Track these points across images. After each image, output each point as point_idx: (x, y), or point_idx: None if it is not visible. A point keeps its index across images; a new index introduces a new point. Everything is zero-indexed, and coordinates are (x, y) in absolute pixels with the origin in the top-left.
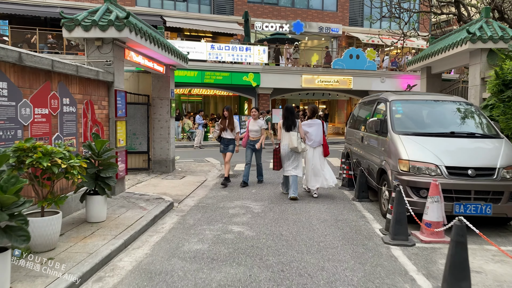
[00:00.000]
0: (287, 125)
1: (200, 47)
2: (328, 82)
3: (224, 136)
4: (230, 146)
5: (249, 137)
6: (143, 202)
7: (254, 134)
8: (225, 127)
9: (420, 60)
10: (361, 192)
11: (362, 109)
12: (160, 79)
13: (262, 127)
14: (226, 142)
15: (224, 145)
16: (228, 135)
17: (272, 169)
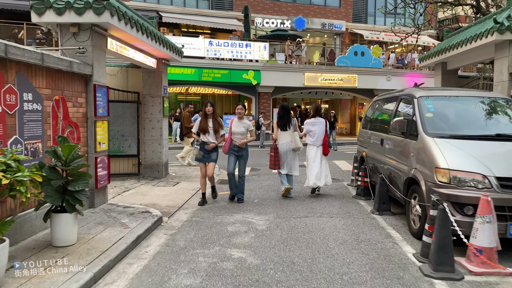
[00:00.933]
0: (282, 124)
1: (197, 43)
2: (331, 80)
3: (206, 140)
4: (213, 154)
5: (232, 141)
6: (126, 217)
7: (238, 137)
8: (206, 128)
9: (434, 55)
10: (382, 203)
11: (380, 108)
12: (152, 74)
13: (249, 128)
14: (206, 149)
15: (205, 152)
16: (211, 138)
17: (269, 167)
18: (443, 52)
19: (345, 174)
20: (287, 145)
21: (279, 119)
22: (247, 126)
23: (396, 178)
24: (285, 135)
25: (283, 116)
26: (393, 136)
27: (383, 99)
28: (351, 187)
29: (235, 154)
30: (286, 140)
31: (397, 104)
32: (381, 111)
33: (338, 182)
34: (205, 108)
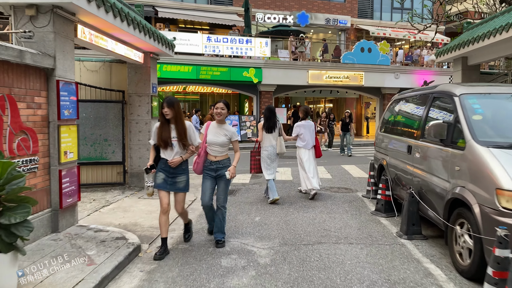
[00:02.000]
0: (268, 127)
1: (195, 39)
2: (337, 78)
3: (166, 157)
4: (180, 177)
5: (208, 155)
6: (94, 246)
7: (216, 150)
8: (167, 139)
9: (454, 49)
10: (411, 225)
11: (404, 108)
12: (138, 70)
13: (232, 138)
14: (169, 169)
15: (168, 174)
16: (175, 153)
17: (250, 172)
18: (464, 46)
19: (358, 182)
20: (271, 148)
21: (265, 121)
22: (230, 134)
23: (430, 195)
24: (270, 138)
25: (269, 117)
26: (427, 143)
27: (407, 98)
28: (367, 199)
29: (211, 175)
30: (271, 143)
31: (428, 104)
32: (405, 112)
33: (351, 193)
34: (161, 110)
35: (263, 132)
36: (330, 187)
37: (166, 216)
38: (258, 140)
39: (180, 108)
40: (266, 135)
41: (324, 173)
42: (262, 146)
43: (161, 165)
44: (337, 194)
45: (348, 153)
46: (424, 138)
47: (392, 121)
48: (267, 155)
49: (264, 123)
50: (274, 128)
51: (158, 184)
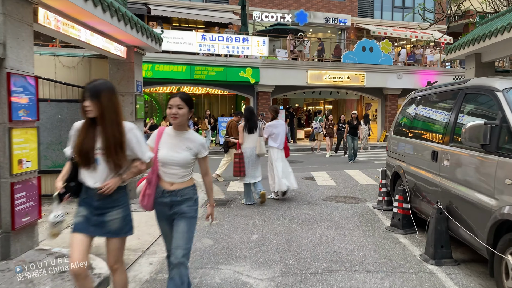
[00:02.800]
0: (250, 127)
1: (189, 38)
2: (337, 78)
3: (88, 181)
4: (112, 213)
5: (160, 180)
6: (50, 280)
7: (174, 174)
8: (88, 152)
9: (466, 45)
10: (439, 248)
11: (424, 108)
12: (121, 66)
13: (200, 154)
14: (93, 200)
15: (90, 210)
16: (102, 175)
17: (233, 175)
18: (478, 41)
19: (365, 190)
20: (251, 150)
21: (246, 122)
22: (196, 147)
23: (464, 212)
24: (251, 139)
25: (250, 118)
26: (461, 149)
27: (428, 96)
28: (379, 210)
29: (164, 214)
30: (252, 145)
31: (458, 102)
32: (427, 112)
33: (359, 204)
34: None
35: (244, 134)
36: (335, 196)
37: (85, 282)
38: (239, 142)
39: (116, 99)
40: (247, 136)
41: (328, 180)
42: (242, 147)
43: (82, 194)
44: (344, 205)
45: (350, 160)
46: (455, 142)
47: (408, 122)
48: (248, 157)
49: (245, 124)
50: (255, 129)
51: (76, 224)
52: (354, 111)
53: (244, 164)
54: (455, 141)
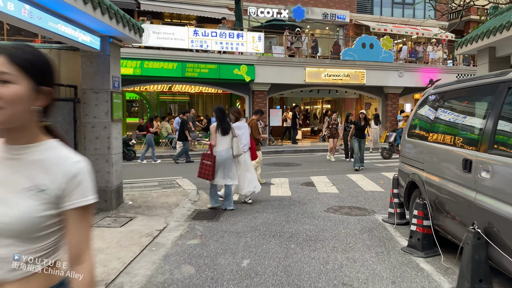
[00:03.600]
0: (224, 128)
1: (180, 33)
2: (336, 76)
3: None
4: None
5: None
6: None
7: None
8: None
9: (479, 39)
10: (477, 282)
11: (450, 106)
12: (95, 60)
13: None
14: None
15: None
16: None
17: (198, 176)
18: (494, 33)
19: (371, 198)
20: (227, 152)
21: (219, 123)
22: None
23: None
24: (226, 141)
25: (223, 119)
26: (509, 158)
27: (455, 91)
28: (391, 225)
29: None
30: (226, 146)
31: (499, 98)
32: (453, 111)
33: (367, 216)
34: None
35: (217, 135)
36: (339, 207)
37: None
38: (211, 143)
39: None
40: (221, 138)
41: (329, 186)
42: (216, 150)
43: None
44: (350, 218)
45: (355, 166)
46: (498, 150)
47: (428, 123)
48: (223, 160)
49: (218, 124)
50: (229, 130)
51: None
52: (362, 110)
53: (215, 168)
54: (498, 148)
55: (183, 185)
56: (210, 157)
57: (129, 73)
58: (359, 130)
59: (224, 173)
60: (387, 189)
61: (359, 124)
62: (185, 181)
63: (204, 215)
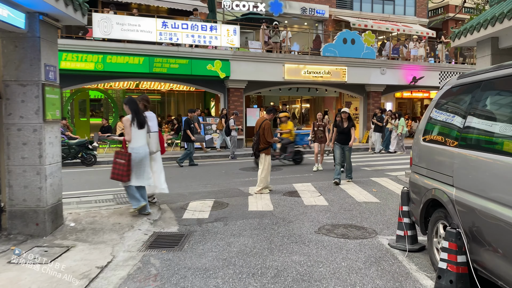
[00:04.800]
0: (140, 121)
1: (147, 25)
2: (317, 73)
3: None
4: None
5: None
6: None
7: None
8: None
9: (483, 27)
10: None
11: (494, 101)
12: (20, 43)
13: None
14: None
15: None
16: None
17: (110, 178)
18: (501, 20)
19: (367, 211)
20: (144, 149)
21: (134, 115)
22: None
23: None
24: (142, 136)
25: (138, 111)
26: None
27: (500, 80)
28: (401, 252)
29: None
30: (143, 142)
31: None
32: (500, 106)
33: (369, 239)
34: None
35: (132, 129)
36: (332, 225)
37: None
38: (125, 139)
39: None
40: (137, 133)
41: (315, 196)
42: (132, 147)
43: None
44: (348, 242)
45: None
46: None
47: (456, 123)
48: (141, 158)
49: (133, 117)
50: (145, 123)
51: None
52: (344, 108)
53: (131, 168)
54: None
55: None
56: (124, 155)
57: (89, 68)
58: (342, 134)
59: (139, 173)
60: (382, 199)
61: (341, 126)
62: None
63: (164, 240)
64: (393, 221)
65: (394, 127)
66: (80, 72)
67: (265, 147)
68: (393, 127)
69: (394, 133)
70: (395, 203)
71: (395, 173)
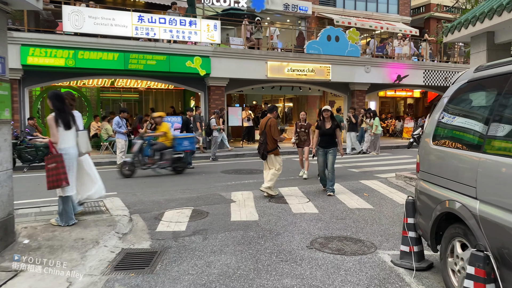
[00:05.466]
0: (66, 120)
1: (122, 19)
2: (301, 71)
3: None
4: None
5: None
6: None
7: None
8: None
9: (479, 20)
10: None
11: None
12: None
13: None
14: None
15: None
16: None
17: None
18: (495, 15)
19: (362, 220)
20: (74, 150)
21: (59, 113)
22: None
23: None
24: (71, 136)
25: (63, 108)
26: None
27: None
28: (406, 271)
29: None
30: (73, 143)
31: None
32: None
33: (369, 255)
34: None
35: (59, 129)
36: (326, 238)
37: None
38: (51, 141)
39: None
40: (64, 133)
41: (304, 202)
42: (60, 148)
43: None
44: (346, 260)
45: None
46: None
47: (477, 124)
48: (70, 159)
49: (57, 116)
50: (74, 122)
51: None
52: (325, 106)
53: (66, 170)
54: None
55: (111, 208)
56: (54, 158)
57: (59, 64)
58: (324, 136)
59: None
60: (376, 204)
61: (322, 127)
62: (116, 203)
63: (133, 259)
64: (391, 231)
65: (368, 126)
66: (49, 68)
67: (274, 148)
68: (367, 127)
69: (368, 133)
70: (390, 209)
71: (384, 175)
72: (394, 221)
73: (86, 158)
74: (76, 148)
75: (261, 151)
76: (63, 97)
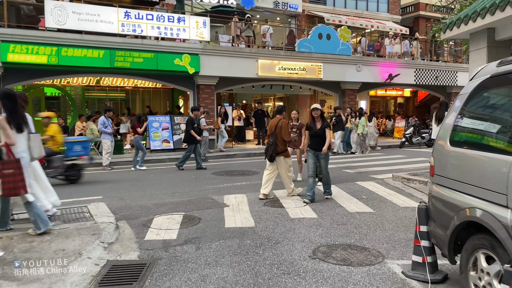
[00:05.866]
0: (18, 122)
1: (107, 15)
2: (292, 69)
3: None
4: None
5: None
6: None
7: None
8: None
9: (480, 16)
10: None
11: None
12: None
13: None
14: None
15: None
16: None
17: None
18: (498, 10)
19: (364, 225)
20: (26, 154)
21: (10, 114)
22: None
23: None
24: (22, 139)
25: (15, 109)
26: None
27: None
28: (420, 282)
29: None
30: (25, 147)
31: None
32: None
33: (376, 265)
34: None
35: (12, 131)
36: (328, 247)
37: None
38: (7, 143)
39: None
40: (20, 136)
41: (301, 206)
42: (16, 152)
43: None
44: (353, 272)
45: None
46: None
47: (507, 122)
48: (26, 164)
49: (10, 116)
50: (26, 124)
51: None
52: (315, 104)
53: (24, 176)
54: None
55: (96, 214)
56: (10, 163)
57: (42, 62)
58: (315, 137)
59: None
60: (376, 207)
61: (313, 127)
62: (101, 208)
63: (120, 273)
64: (396, 238)
65: (354, 126)
66: (31, 66)
67: (284, 149)
68: (353, 126)
69: (354, 133)
70: (391, 213)
71: (380, 176)
72: (398, 226)
73: (37, 165)
74: (28, 152)
75: (269, 153)
76: (15, 97)
